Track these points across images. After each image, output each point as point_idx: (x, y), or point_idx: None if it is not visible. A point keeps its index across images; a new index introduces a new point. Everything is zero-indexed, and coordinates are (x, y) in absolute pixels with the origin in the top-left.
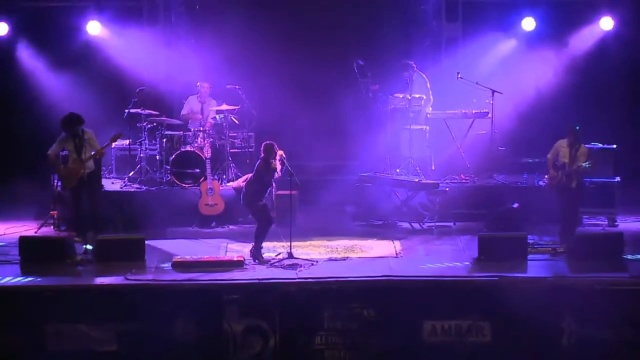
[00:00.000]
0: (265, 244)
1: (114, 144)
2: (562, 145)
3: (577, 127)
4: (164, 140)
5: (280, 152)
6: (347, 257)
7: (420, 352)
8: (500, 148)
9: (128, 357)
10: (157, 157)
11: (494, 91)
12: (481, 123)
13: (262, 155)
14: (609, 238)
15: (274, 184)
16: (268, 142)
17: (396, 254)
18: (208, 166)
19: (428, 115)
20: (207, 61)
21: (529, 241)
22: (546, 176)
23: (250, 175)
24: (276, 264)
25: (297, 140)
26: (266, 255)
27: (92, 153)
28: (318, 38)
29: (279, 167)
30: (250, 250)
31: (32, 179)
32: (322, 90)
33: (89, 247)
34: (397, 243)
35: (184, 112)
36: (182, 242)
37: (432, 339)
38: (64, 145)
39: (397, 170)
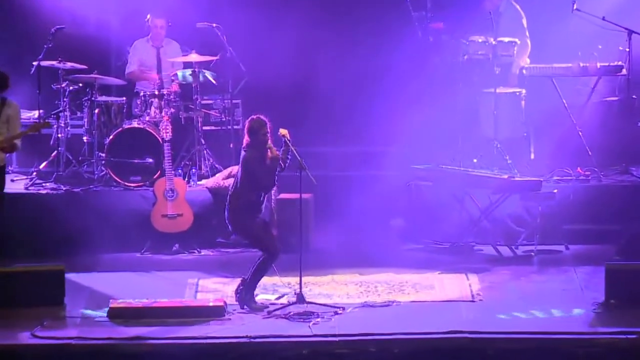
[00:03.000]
0: (261, 281)
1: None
2: None
3: None
4: (96, 111)
5: (282, 132)
6: (393, 302)
7: None
8: None
9: None
10: (85, 138)
11: (631, 32)
12: (610, 83)
13: (247, 139)
14: None
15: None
16: (255, 116)
17: (472, 296)
18: (167, 153)
19: (524, 72)
20: None
21: None
22: None
23: (234, 169)
24: (278, 312)
25: (311, 112)
26: (261, 298)
27: (8, 136)
28: None
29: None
30: (237, 290)
31: None
32: (350, 33)
33: None
34: (474, 278)
35: (131, 67)
36: (124, 276)
37: None
38: None
39: (474, 161)
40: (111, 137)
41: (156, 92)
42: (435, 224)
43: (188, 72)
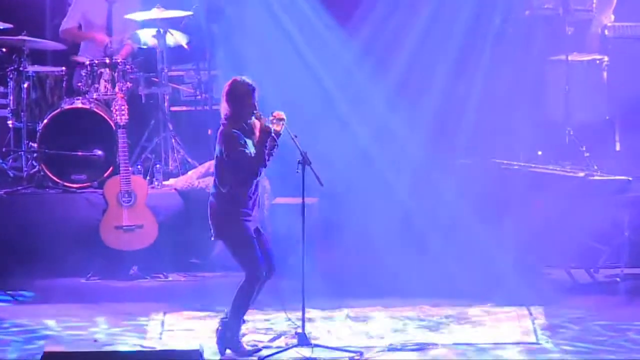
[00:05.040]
0: (249, 315)
1: None
2: None
3: None
4: (26, 85)
5: (278, 115)
6: (429, 345)
7: None
8: None
9: None
10: (10, 122)
11: None
12: None
13: (227, 109)
14: None
15: (266, 182)
16: (239, 78)
17: (536, 337)
18: (122, 143)
19: (607, 33)
20: None
21: None
22: None
23: (212, 164)
24: (273, 358)
25: (317, 89)
26: (249, 339)
27: None
28: None
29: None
30: (218, 329)
31: None
32: None
33: None
34: (540, 313)
35: (68, 22)
36: (64, 309)
37: None
38: None
39: (539, 153)
40: (46, 120)
41: (107, 61)
42: (486, 238)
43: (150, 33)
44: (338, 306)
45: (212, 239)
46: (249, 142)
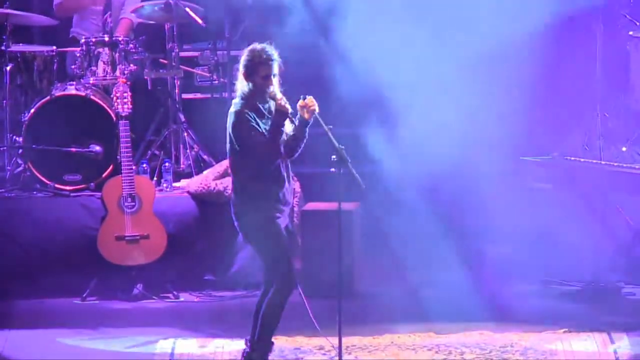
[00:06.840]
0: (277, 341)
1: None
2: None
3: None
4: (9, 68)
5: (307, 102)
6: None
7: None
8: None
9: None
10: None
11: None
12: None
13: (242, 84)
14: None
15: (296, 185)
16: (259, 46)
17: None
18: (125, 137)
19: None
20: None
21: None
22: None
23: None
24: None
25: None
26: None
27: None
28: None
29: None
30: (247, 351)
31: None
32: None
33: None
34: (623, 340)
35: None
36: (56, 335)
37: None
38: None
39: (623, 149)
40: (33, 110)
41: (106, 38)
42: (560, 252)
43: (158, 5)
44: (382, 332)
45: (241, 240)
46: (265, 126)
